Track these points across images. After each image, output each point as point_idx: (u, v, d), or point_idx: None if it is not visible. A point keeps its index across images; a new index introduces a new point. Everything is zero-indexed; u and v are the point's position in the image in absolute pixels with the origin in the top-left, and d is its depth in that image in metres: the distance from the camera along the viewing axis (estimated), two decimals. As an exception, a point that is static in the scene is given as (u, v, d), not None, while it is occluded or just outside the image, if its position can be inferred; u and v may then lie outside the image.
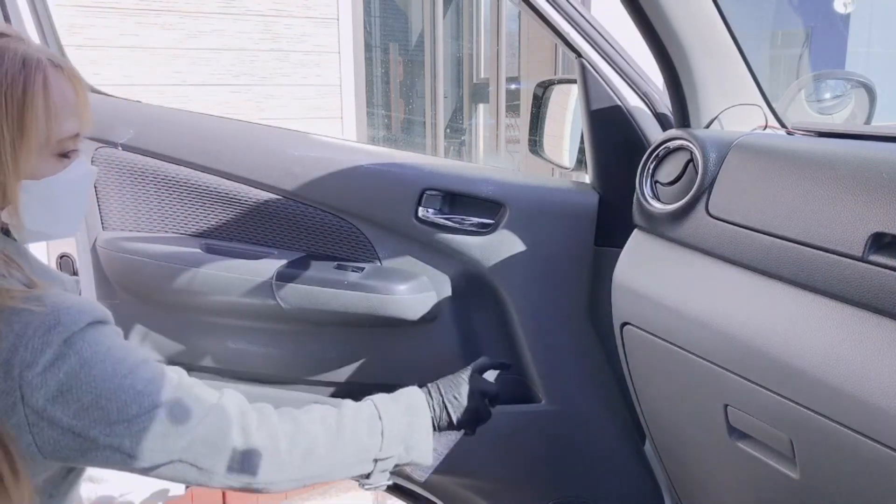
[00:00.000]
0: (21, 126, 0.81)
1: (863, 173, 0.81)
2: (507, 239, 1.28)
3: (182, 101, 2.97)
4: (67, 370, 0.79)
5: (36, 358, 0.78)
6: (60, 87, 0.85)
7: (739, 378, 0.90)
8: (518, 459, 1.39)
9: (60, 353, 0.79)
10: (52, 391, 0.79)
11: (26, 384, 0.78)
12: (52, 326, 0.79)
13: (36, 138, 0.83)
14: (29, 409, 0.79)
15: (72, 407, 0.80)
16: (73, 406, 0.80)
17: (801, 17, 5.34)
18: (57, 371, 0.79)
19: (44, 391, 0.78)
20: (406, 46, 4.41)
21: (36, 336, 0.78)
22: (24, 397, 0.78)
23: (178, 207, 1.37)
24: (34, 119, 0.82)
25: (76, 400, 0.80)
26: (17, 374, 0.77)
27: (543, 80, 1.51)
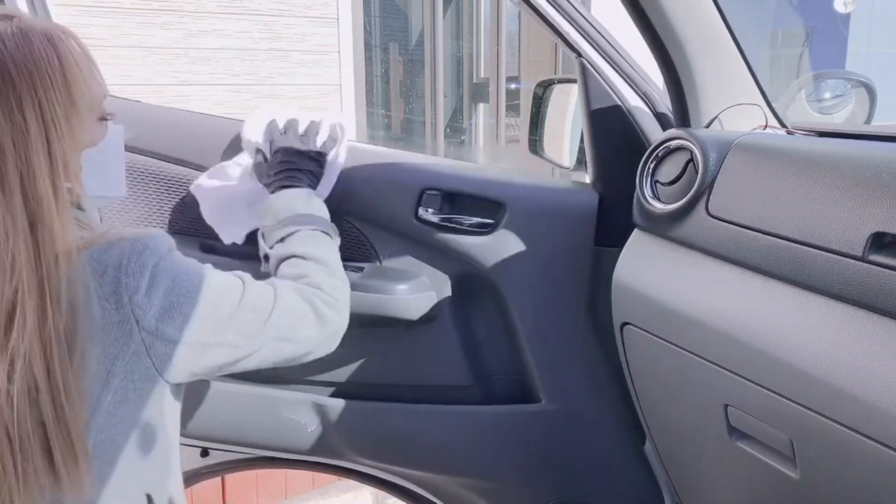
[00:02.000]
0: (70, 97, 0.85)
1: (863, 173, 0.81)
2: (507, 239, 1.28)
3: (182, 101, 2.98)
4: (165, 288, 0.87)
5: (138, 282, 0.85)
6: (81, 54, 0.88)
7: (739, 378, 0.90)
8: (518, 459, 1.39)
9: (154, 274, 0.86)
10: (157, 310, 0.86)
11: (137, 308, 0.85)
12: (142, 251, 0.86)
13: (84, 106, 0.87)
14: (145, 332, 0.86)
15: (178, 320, 0.88)
16: (179, 319, 0.88)
17: (801, 17, 5.34)
18: (157, 290, 0.86)
19: (152, 312, 0.86)
20: (406, 46, 4.42)
21: (132, 262, 0.85)
22: (138, 321, 0.85)
23: (177, 207, 1.36)
24: (78, 87, 0.86)
25: (180, 313, 0.88)
26: (126, 300, 0.84)
27: (543, 80, 1.51)
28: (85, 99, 0.87)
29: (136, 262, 0.85)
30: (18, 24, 0.84)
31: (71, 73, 0.85)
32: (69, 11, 2.74)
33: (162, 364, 0.88)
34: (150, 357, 0.87)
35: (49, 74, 0.83)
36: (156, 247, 0.88)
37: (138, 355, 0.86)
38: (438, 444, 1.38)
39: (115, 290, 0.84)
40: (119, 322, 0.84)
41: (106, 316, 0.84)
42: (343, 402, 1.38)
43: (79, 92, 0.86)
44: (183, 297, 0.89)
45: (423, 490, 1.49)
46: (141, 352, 0.86)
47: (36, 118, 0.81)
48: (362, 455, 1.42)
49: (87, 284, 0.83)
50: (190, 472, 1.55)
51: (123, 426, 0.89)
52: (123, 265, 0.85)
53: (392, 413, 1.37)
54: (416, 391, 1.38)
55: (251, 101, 3.16)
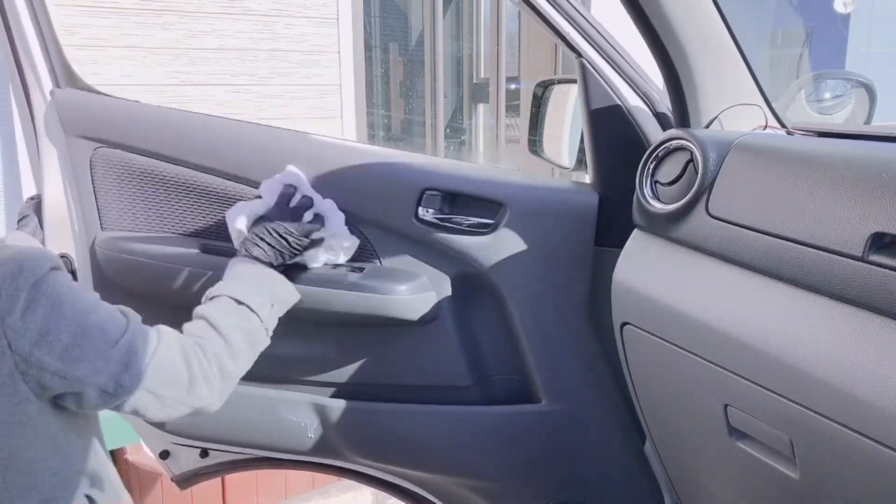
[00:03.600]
0: None
1: (863, 173, 0.81)
2: (507, 239, 1.28)
3: (182, 101, 2.97)
4: (43, 313, 0.83)
5: (13, 305, 0.81)
6: None
7: (739, 378, 0.90)
8: (518, 459, 1.39)
9: (32, 297, 0.83)
10: (33, 335, 0.82)
11: (10, 330, 0.81)
12: (17, 273, 0.82)
13: None
14: (17, 356, 0.82)
15: (56, 348, 0.84)
16: (57, 347, 0.84)
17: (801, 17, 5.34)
18: (33, 314, 0.82)
19: (27, 336, 0.82)
20: (406, 46, 4.41)
21: (5, 284, 0.81)
22: (10, 344, 0.81)
23: (176, 207, 1.36)
24: None
25: (57, 341, 0.84)
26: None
27: (543, 80, 1.51)
28: None
29: (10, 285, 0.81)
30: None
31: None
32: (69, 11, 2.74)
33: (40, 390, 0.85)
34: (25, 382, 0.84)
35: None
36: (32, 268, 0.84)
37: (13, 378, 0.83)
38: (438, 444, 1.38)
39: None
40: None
41: None
42: (343, 402, 1.38)
43: None
44: (63, 325, 0.85)
45: (423, 490, 1.49)
46: (16, 375, 0.83)
47: None
48: (362, 455, 1.42)
49: None
50: (189, 472, 1.55)
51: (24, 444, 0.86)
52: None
53: (392, 413, 1.37)
54: (416, 392, 1.38)
55: (251, 101, 3.16)
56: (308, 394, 1.39)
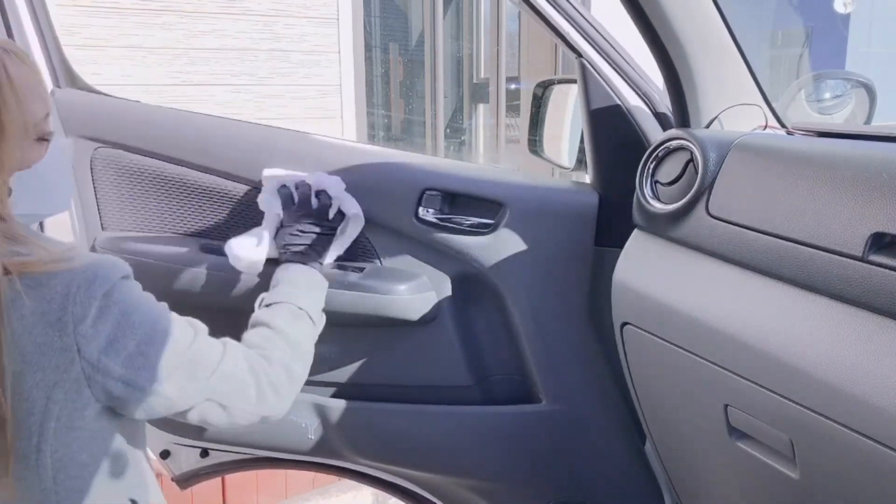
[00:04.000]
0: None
1: (863, 173, 0.81)
2: (508, 239, 1.28)
3: (182, 101, 2.97)
4: (113, 321, 0.85)
5: (85, 312, 0.83)
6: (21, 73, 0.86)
7: (739, 378, 0.90)
8: (518, 459, 1.39)
9: (104, 304, 0.84)
10: (102, 342, 0.84)
11: (81, 337, 0.83)
12: (92, 280, 0.84)
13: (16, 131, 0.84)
14: (85, 362, 0.84)
15: (121, 355, 0.86)
16: (122, 354, 0.86)
17: (801, 17, 5.34)
18: (105, 321, 0.84)
19: (96, 343, 0.84)
20: (406, 46, 4.41)
21: (80, 291, 0.83)
22: (80, 350, 0.83)
23: (177, 207, 1.36)
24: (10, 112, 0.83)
25: (123, 348, 0.86)
26: (71, 329, 0.82)
27: (543, 80, 1.51)
28: (17, 123, 0.84)
29: (85, 292, 0.83)
30: None
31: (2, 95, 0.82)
32: (69, 11, 2.74)
33: (102, 396, 0.87)
34: (90, 388, 0.85)
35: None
36: (106, 275, 0.85)
37: (79, 384, 0.84)
38: (439, 444, 1.38)
39: (60, 318, 0.82)
40: (61, 349, 0.82)
41: (48, 342, 0.82)
42: (343, 402, 1.38)
43: (10, 117, 0.83)
44: (130, 333, 0.86)
45: (423, 490, 1.49)
46: (81, 381, 0.84)
47: None
48: (362, 455, 1.42)
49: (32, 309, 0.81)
50: (190, 472, 1.55)
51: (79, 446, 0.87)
52: (71, 293, 0.82)
53: (392, 413, 1.37)
54: (416, 391, 1.38)
55: (251, 101, 3.16)
56: (308, 394, 1.39)
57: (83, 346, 0.83)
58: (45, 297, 0.82)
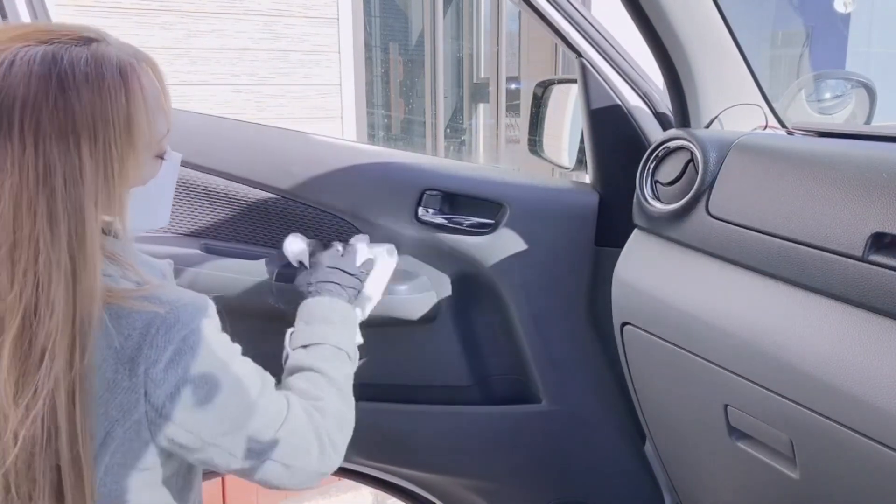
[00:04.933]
0: (130, 138, 0.80)
1: (863, 173, 0.81)
2: (508, 239, 1.28)
3: (182, 100, 2.97)
4: (185, 366, 0.82)
5: (160, 355, 0.80)
6: (152, 87, 0.84)
7: (739, 378, 0.90)
8: (518, 460, 1.39)
9: (179, 349, 0.81)
10: (171, 388, 0.81)
11: (150, 381, 0.80)
12: (172, 324, 0.81)
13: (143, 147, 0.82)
14: (150, 406, 0.81)
15: (187, 404, 0.82)
16: (189, 403, 0.83)
17: (801, 17, 5.34)
18: (176, 367, 0.81)
19: (164, 388, 0.81)
20: (406, 46, 4.41)
21: (159, 334, 0.80)
22: (147, 394, 0.80)
23: (177, 207, 1.36)
24: (140, 129, 0.81)
25: (191, 396, 0.83)
26: (142, 371, 0.79)
27: (543, 80, 1.51)
28: (145, 139, 0.82)
29: (164, 336, 0.80)
30: (95, 50, 0.79)
31: (137, 113, 0.80)
32: (69, 11, 2.74)
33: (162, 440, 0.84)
34: (150, 431, 0.83)
35: (113, 114, 0.78)
36: (188, 320, 0.82)
37: (139, 425, 0.82)
38: (438, 444, 1.38)
39: (133, 357, 0.79)
40: (128, 389, 0.80)
41: (117, 380, 0.80)
42: (343, 402, 1.38)
43: (140, 133, 0.81)
44: (201, 381, 0.84)
45: (423, 490, 1.49)
46: (142, 423, 0.82)
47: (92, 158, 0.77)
48: (362, 455, 1.42)
49: (108, 343, 0.79)
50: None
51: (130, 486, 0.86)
52: (150, 334, 0.80)
53: (392, 413, 1.37)
54: (416, 391, 1.38)
55: (251, 101, 3.16)
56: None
57: (151, 389, 0.80)
58: (124, 332, 0.79)
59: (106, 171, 0.78)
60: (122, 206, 0.82)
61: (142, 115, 0.81)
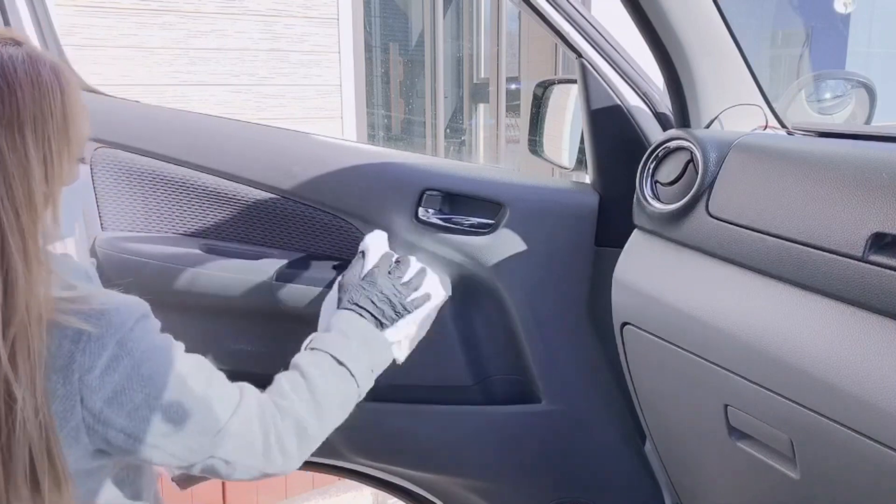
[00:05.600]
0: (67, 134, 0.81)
1: (863, 173, 0.81)
2: (508, 239, 1.28)
3: (182, 101, 2.97)
4: (122, 371, 0.82)
5: (94, 362, 0.80)
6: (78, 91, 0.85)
7: (739, 378, 0.90)
8: (518, 460, 1.39)
9: (115, 354, 0.81)
10: (108, 393, 0.81)
11: (85, 387, 0.80)
12: (104, 331, 0.81)
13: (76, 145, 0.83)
14: (86, 412, 0.81)
15: (125, 408, 0.82)
16: (127, 407, 0.82)
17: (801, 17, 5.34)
18: (113, 373, 0.81)
19: (101, 394, 0.81)
20: (406, 46, 4.41)
21: (91, 341, 0.80)
22: (83, 400, 0.80)
23: (177, 207, 1.36)
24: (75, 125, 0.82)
25: (129, 401, 0.83)
26: (76, 378, 0.79)
27: (543, 80, 1.51)
28: (77, 138, 0.83)
29: (96, 342, 0.80)
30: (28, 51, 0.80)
31: (72, 109, 0.82)
32: (69, 11, 2.74)
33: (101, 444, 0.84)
34: (89, 436, 0.82)
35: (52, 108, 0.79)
36: (121, 322, 0.82)
37: (77, 431, 0.82)
38: (438, 444, 1.38)
39: (66, 365, 0.79)
40: (63, 396, 0.80)
41: (51, 388, 0.79)
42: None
43: (74, 130, 0.82)
44: (139, 385, 0.83)
45: (423, 490, 1.49)
46: (80, 429, 0.81)
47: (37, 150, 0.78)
48: (362, 455, 1.42)
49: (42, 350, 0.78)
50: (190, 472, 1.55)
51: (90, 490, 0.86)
52: (83, 341, 0.79)
53: (392, 413, 1.37)
54: (416, 391, 1.38)
55: (251, 101, 3.16)
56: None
57: (87, 396, 0.80)
58: (55, 341, 0.79)
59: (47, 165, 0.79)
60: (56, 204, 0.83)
61: (76, 113, 0.83)
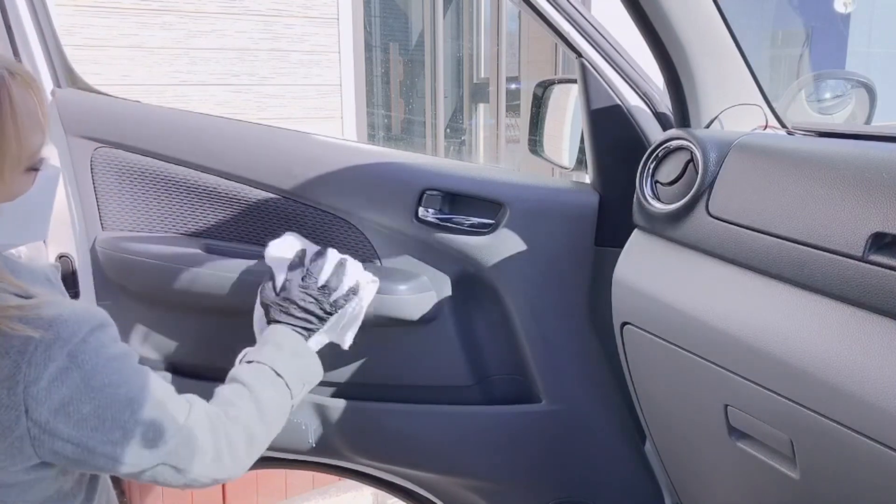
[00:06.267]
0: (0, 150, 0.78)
1: (863, 173, 0.81)
2: (508, 239, 1.28)
3: (182, 101, 2.97)
4: (70, 384, 0.80)
5: (40, 373, 0.78)
6: (24, 101, 0.81)
7: (739, 378, 0.90)
8: (518, 460, 1.39)
9: (64, 366, 0.79)
10: (55, 404, 0.80)
11: (31, 398, 0.78)
12: (52, 342, 0.79)
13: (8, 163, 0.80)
14: (32, 423, 0.79)
15: (73, 418, 0.81)
16: (75, 417, 0.81)
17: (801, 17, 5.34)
18: (60, 385, 0.79)
19: (47, 405, 0.79)
20: (406, 46, 4.42)
21: (38, 352, 0.78)
22: (28, 411, 0.79)
23: (177, 207, 1.36)
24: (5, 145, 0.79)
25: (77, 411, 0.81)
26: (21, 389, 0.78)
27: (543, 80, 1.51)
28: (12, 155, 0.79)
29: (42, 353, 0.78)
30: None
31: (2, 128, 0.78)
32: (69, 11, 2.74)
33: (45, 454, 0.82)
34: (34, 446, 0.81)
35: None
36: (71, 334, 0.80)
37: (21, 442, 0.80)
38: (438, 444, 1.38)
39: (11, 376, 0.77)
40: (7, 406, 0.78)
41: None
42: (343, 402, 1.38)
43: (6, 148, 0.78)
44: (87, 398, 0.81)
45: (423, 490, 1.49)
46: (25, 439, 0.80)
47: None
48: (362, 455, 1.42)
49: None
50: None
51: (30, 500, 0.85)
52: (29, 352, 0.78)
53: (392, 413, 1.37)
54: (416, 391, 1.38)
55: (251, 101, 3.16)
56: (308, 394, 1.39)
57: (32, 407, 0.78)
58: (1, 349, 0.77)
59: None
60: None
61: (9, 131, 0.79)
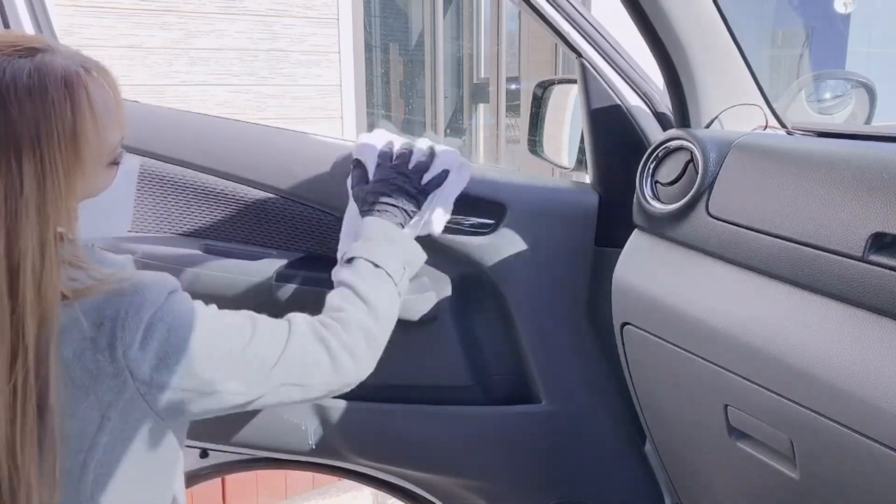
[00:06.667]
0: (76, 151, 0.80)
1: (863, 173, 0.81)
2: (508, 239, 1.28)
3: (182, 101, 2.97)
4: (160, 339, 0.85)
5: (134, 336, 0.83)
6: (102, 97, 0.83)
7: (739, 378, 0.90)
8: (518, 460, 1.39)
9: (150, 325, 0.84)
10: (152, 361, 0.84)
11: (131, 361, 0.83)
12: (140, 305, 0.84)
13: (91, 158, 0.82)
14: (139, 382, 0.84)
15: (173, 369, 0.86)
16: (174, 367, 0.86)
17: (801, 17, 5.34)
18: (152, 342, 0.84)
19: (147, 364, 0.84)
20: (406, 46, 4.42)
21: (129, 317, 0.83)
22: (132, 373, 0.83)
23: (176, 208, 1.36)
24: (87, 141, 0.80)
25: (175, 362, 0.86)
26: (120, 354, 0.82)
27: (543, 80, 1.51)
28: (93, 151, 0.82)
29: (134, 318, 0.83)
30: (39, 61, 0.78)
31: (82, 125, 0.79)
32: (68, 11, 2.74)
33: (158, 407, 0.87)
34: (146, 402, 0.86)
35: (57, 128, 0.77)
36: (154, 298, 0.85)
37: (134, 401, 0.85)
38: (439, 444, 1.38)
39: (110, 343, 0.82)
40: (113, 374, 0.83)
41: (100, 368, 0.82)
42: (343, 402, 1.38)
43: (86, 145, 0.80)
44: (178, 347, 0.86)
45: (423, 490, 1.49)
46: (136, 398, 0.85)
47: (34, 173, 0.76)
48: (362, 455, 1.42)
49: (83, 335, 0.81)
50: (190, 472, 1.55)
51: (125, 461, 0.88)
52: (121, 318, 0.83)
53: (392, 414, 1.37)
54: (416, 391, 1.38)
55: (251, 101, 3.16)
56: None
57: (134, 368, 0.83)
58: (97, 322, 0.82)
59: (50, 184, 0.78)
60: (69, 217, 0.82)
61: (89, 127, 0.80)
